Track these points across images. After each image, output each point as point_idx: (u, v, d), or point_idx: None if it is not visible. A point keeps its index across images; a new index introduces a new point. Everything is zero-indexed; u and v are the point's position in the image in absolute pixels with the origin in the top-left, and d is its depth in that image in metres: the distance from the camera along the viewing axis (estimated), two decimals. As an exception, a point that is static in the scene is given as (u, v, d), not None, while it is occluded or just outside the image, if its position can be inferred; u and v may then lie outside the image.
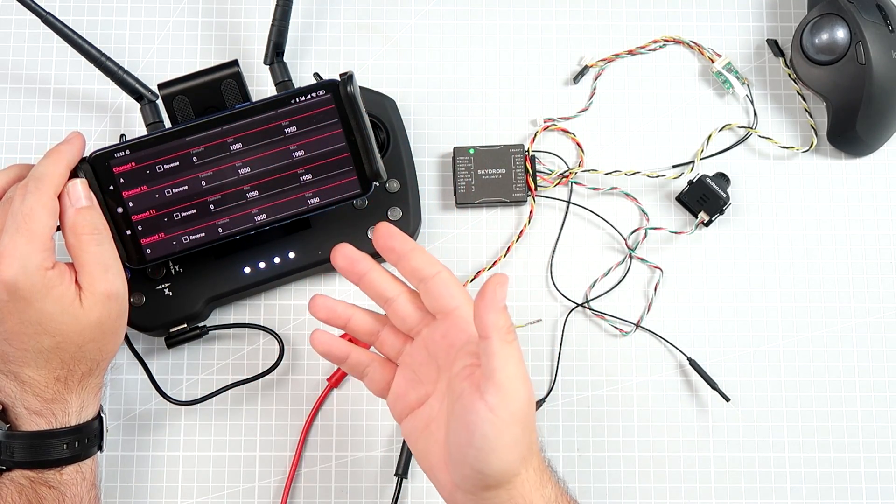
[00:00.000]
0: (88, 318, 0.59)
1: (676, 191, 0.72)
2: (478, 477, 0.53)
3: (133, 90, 0.67)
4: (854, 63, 0.70)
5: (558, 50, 0.75)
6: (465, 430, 0.53)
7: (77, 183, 0.60)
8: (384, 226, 0.58)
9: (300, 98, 0.63)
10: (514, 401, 0.52)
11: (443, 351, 0.57)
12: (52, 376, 0.59)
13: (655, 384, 0.70)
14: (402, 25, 0.75)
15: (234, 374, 0.70)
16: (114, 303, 0.60)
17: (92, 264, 0.59)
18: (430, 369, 0.58)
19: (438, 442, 0.56)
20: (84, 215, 0.60)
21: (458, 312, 0.57)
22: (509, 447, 0.53)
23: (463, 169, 0.71)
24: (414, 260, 0.58)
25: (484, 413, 0.52)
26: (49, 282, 0.57)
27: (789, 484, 0.69)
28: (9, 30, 0.74)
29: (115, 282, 0.60)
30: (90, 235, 0.59)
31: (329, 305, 0.60)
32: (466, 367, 0.55)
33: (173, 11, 0.75)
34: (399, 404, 0.59)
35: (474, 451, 0.52)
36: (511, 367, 0.52)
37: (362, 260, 0.59)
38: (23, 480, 0.59)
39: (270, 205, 0.64)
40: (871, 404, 0.70)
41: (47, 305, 0.57)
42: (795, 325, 0.71)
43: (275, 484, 0.69)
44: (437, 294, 0.57)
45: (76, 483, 0.60)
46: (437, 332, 0.58)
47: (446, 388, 0.57)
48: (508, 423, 0.52)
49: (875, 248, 0.72)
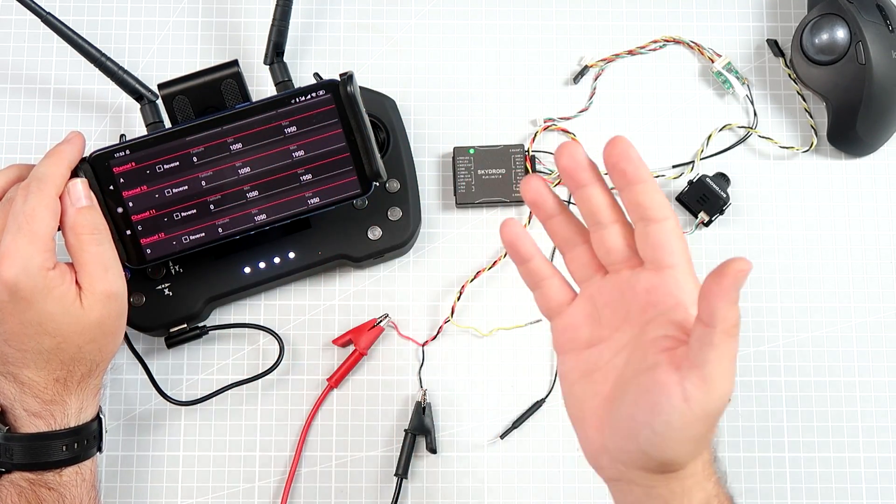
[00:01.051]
0: (89, 318, 0.59)
1: (676, 191, 0.72)
2: (642, 458, 0.48)
3: (133, 90, 0.67)
4: (854, 63, 0.70)
5: (558, 50, 0.75)
6: (647, 408, 0.47)
7: (77, 183, 0.60)
8: (622, 142, 0.49)
9: (300, 98, 0.63)
10: (715, 399, 0.47)
11: (640, 304, 0.50)
12: (52, 377, 0.59)
13: (655, 384, 0.70)
14: (402, 25, 0.75)
15: (234, 374, 0.70)
16: (114, 303, 0.60)
17: (92, 264, 0.59)
18: (617, 314, 0.51)
19: (599, 395, 0.51)
20: (84, 215, 0.60)
21: (672, 272, 0.50)
22: (691, 442, 0.48)
23: (463, 169, 0.71)
24: (643, 194, 0.49)
25: (677, 401, 0.46)
26: (50, 282, 0.57)
27: (789, 484, 0.69)
28: (9, 30, 0.74)
29: (116, 282, 0.60)
30: (90, 235, 0.59)
31: (541, 188, 0.51)
32: (666, 338, 0.49)
33: (173, 11, 0.75)
34: (567, 335, 0.53)
35: (651, 433, 0.47)
36: (726, 363, 0.46)
37: (592, 168, 0.50)
38: (22, 482, 0.59)
39: (270, 205, 0.64)
40: (871, 404, 0.70)
41: (48, 306, 0.57)
42: (795, 325, 0.71)
43: (275, 484, 0.69)
44: (657, 244, 0.49)
45: (76, 484, 0.60)
46: (641, 282, 0.50)
47: (629, 343, 0.51)
48: (699, 420, 0.47)
49: (875, 248, 0.72)
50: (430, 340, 0.70)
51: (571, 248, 0.53)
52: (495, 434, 0.69)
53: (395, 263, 0.71)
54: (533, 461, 0.69)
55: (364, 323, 0.70)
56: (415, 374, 0.70)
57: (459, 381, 0.70)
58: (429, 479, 0.69)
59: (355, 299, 0.71)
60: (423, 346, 0.70)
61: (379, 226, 0.69)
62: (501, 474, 0.69)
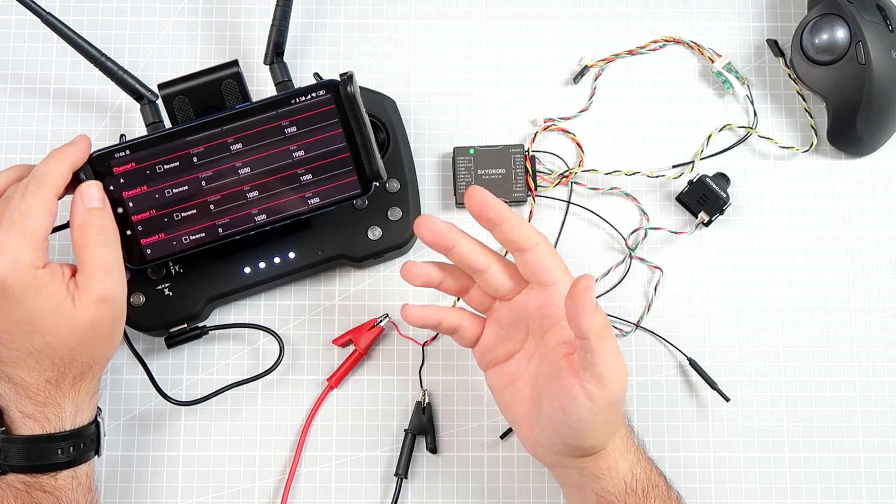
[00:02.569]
0: (80, 319, 0.58)
1: (676, 191, 0.72)
2: (567, 448, 0.57)
3: (133, 90, 0.67)
4: (854, 63, 0.70)
5: (558, 50, 0.75)
6: (560, 410, 0.56)
7: (93, 185, 0.61)
8: (478, 191, 0.58)
9: (300, 98, 0.63)
10: (612, 390, 0.55)
11: (536, 319, 0.59)
12: (44, 378, 0.59)
13: (655, 384, 0.70)
14: (402, 25, 0.75)
15: (234, 374, 0.70)
16: (108, 307, 0.59)
17: (93, 264, 0.59)
18: (520, 330, 0.61)
19: (524, 399, 0.60)
20: (94, 215, 0.60)
21: (555, 288, 0.58)
22: (603, 429, 0.57)
23: (463, 169, 0.71)
24: (511, 231, 0.58)
25: (582, 399, 0.55)
26: (39, 279, 0.57)
27: (789, 484, 0.69)
28: (9, 30, 0.74)
29: (114, 286, 0.60)
30: (97, 235, 0.59)
31: (424, 272, 0.61)
32: (563, 345, 0.57)
33: (173, 11, 0.75)
34: (486, 357, 0.62)
35: (568, 429, 0.56)
36: (609, 358, 0.55)
37: (449, 233, 0.59)
38: (18, 485, 0.59)
39: (270, 205, 0.64)
40: (871, 404, 0.70)
41: (37, 303, 0.57)
42: (795, 325, 0.71)
43: (275, 484, 0.69)
44: (535, 268, 0.58)
45: (72, 488, 0.60)
46: (532, 301, 0.59)
47: (536, 351, 0.60)
48: (605, 410, 0.55)
49: (875, 248, 0.72)
50: (431, 340, 0.70)
51: (465, 292, 0.62)
52: (495, 434, 0.69)
53: (395, 263, 0.71)
54: (533, 461, 0.69)
55: (364, 323, 0.70)
56: (415, 374, 0.70)
57: (459, 381, 0.70)
58: (429, 479, 0.69)
59: (355, 299, 0.71)
60: (424, 346, 0.70)
61: (379, 226, 0.69)
62: (501, 474, 0.69)
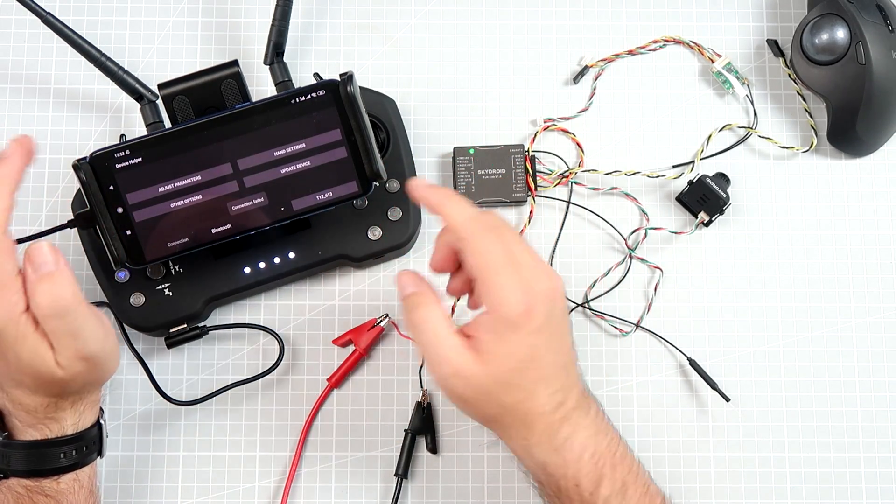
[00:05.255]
0: (67, 372, 0.56)
1: (676, 191, 0.72)
2: (478, 420, 0.58)
3: (133, 90, 0.67)
4: (854, 63, 0.70)
5: (558, 50, 0.75)
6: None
7: (41, 247, 0.55)
8: (413, 186, 0.57)
9: (300, 98, 0.63)
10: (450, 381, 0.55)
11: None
12: (42, 403, 0.58)
13: (655, 384, 0.70)
14: (402, 25, 0.75)
15: (234, 374, 0.70)
16: (92, 362, 0.57)
17: (57, 334, 0.55)
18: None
19: None
20: (44, 285, 0.54)
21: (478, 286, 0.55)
22: (491, 407, 0.56)
23: (463, 169, 0.71)
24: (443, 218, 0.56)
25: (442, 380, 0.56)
26: (23, 328, 0.54)
27: (789, 484, 0.69)
28: (9, 30, 0.74)
29: (87, 346, 0.56)
30: (51, 308, 0.54)
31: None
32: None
33: (173, 11, 0.75)
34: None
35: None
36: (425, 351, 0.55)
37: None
38: (19, 489, 0.58)
39: (270, 205, 0.64)
40: (871, 404, 0.70)
41: (23, 354, 0.55)
42: (795, 325, 0.71)
43: (275, 484, 0.69)
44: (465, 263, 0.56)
45: (73, 492, 0.59)
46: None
47: None
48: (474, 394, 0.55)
49: (875, 248, 0.72)
50: (430, 340, 0.70)
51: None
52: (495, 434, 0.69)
53: (395, 263, 0.71)
54: (533, 461, 0.69)
55: (364, 323, 0.70)
56: (415, 374, 0.70)
57: (459, 381, 0.70)
58: (429, 479, 0.69)
59: (355, 299, 0.71)
60: (423, 346, 0.70)
61: (379, 226, 0.69)
62: (501, 474, 0.69)
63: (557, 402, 0.55)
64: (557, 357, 0.55)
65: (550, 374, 0.55)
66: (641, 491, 0.56)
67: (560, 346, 0.56)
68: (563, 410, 0.55)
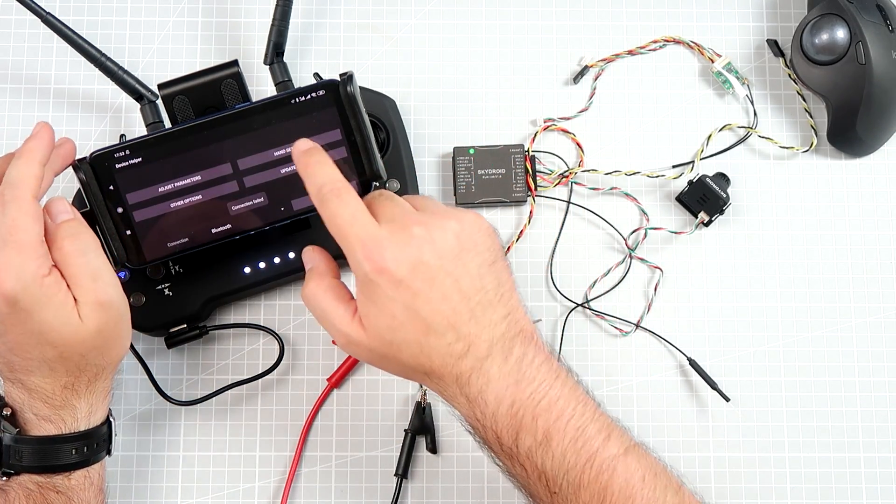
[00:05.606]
0: (87, 327, 0.58)
1: (676, 191, 0.72)
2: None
3: (133, 90, 0.67)
4: (854, 63, 0.70)
5: (558, 50, 0.75)
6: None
7: (58, 200, 0.59)
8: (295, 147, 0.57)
9: (300, 98, 0.63)
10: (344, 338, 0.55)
11: None
12: (59, 384, 0.59)
13: (655, 384, 0.70)
14: (402, 25, 0.75)
15: (234, 374, 0.70)
16: (110, 310, 0.59)
17: (79, 276, 0.57)
18: None
19: None
20: (65, 228, 0.58)
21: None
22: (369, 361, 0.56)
23: (463, 169, 0.71)
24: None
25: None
26: (47, 290, 0.56)
27: (789, 484, 0.69)
28: (9, 30, 0.74)
29: (107, 290, 0.58)
30: (72, 245, 0.58)
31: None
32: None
33: (173, 11, 0.75)
34: None
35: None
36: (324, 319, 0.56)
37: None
38: (31, 485, 0.59)
39: (270, 205, 0.64)
40: (871, 404, 0.70)
41: (47, 316, 0.56)
42: (795, 325, 0.71)
43: (275, 484, 0.69)
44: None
45: (84, 488, 0.60)
46: None
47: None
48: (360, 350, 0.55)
49: (875, 248, 0.72)
50: (430, 340, 0.70)
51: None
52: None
53: (395, 263, 0.71)
54: (533, 461, 0.69)
55: (364, 323, 0.70)
56: (415, 374, 0.70)
57: (459, 381, 0.70)
58: (429, 479, 0.69)
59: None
60: (423, 346, 0.70)
61: (379, 226, 0.68)
62: (501, 474, 0.69)
63: (459, 352, 0.53)
64: (443, 305, 0.52)
65: (438, 323, 0.52)
66: (572, 436, 0.53)
67: (447, 293, 0.53)
68: (469, 361, 0.53)
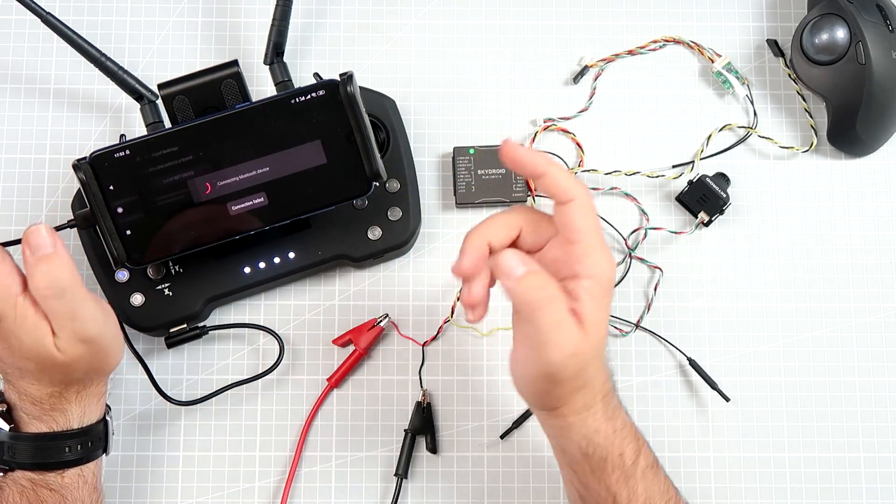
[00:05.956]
0: (67, 356, 0.56)
1: (676, 191, 0.72)
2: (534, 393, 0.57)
3: (133, 90, 0.67)
4: (854, 63, 0.70)
5: (558, 50, 0.75)
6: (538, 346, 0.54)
7: (38, 229, 0.55)
8: (508, 147, 0.54)
9: (300, 98, 0.63)
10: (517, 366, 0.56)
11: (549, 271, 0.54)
12: (47, 392, 0.58)
13: (655, 384, 0.70)
14: (402, 25, 0.75)
15: (234, 374, 0.70)
16: (91, 344, 0.57)
17: (56, 317, 0.56)
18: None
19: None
20: (40, 268, 0.55)
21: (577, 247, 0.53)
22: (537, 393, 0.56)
23: (463, 169, 0.71)
24: (546, 186, 0.54)
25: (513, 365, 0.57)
26: (21, 310, 0.55)
27: (789, 484, 0.69)
28: (9, 30, 0.74)
29: (85, 328, 0.56)
30: (49, 290, 0.55)
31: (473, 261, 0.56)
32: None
33: (173, 11, 0.75)
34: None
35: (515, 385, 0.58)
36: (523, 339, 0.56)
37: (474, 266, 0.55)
38: (24, 482, 0.59)
39: (270, 205, 0.64)
40: (871, 404, 0.70)
41: (21, 335, 0.55)
42: (795, 325, 0.71)
43: (275, 484, 0.69)
44: (562, 223, 0.54)
45: (77, 486, 0.60)
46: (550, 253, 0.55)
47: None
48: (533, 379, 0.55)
49: (875, 248, 0.72)
50: (430, 340, 0.70)
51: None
52: (495, 434, 0.69)
53: (395, 263, 0.71)
54: (533, 461, 0.69)
55: (364, 323, 0.70)
56: (415, 374, 0.70)
57: (459, 381, 0.70)
58: (429, 479, 0.69)
59: (355, 299, 0.71)
60: (423, 346, 0.70)
61: (379, 226, 0.69)
62: (501, 474, 0.69)
63: (609, 370, 0.57)
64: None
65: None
66: (654, 460, 0.59)
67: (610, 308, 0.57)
68: (611, 379, 0.58)
